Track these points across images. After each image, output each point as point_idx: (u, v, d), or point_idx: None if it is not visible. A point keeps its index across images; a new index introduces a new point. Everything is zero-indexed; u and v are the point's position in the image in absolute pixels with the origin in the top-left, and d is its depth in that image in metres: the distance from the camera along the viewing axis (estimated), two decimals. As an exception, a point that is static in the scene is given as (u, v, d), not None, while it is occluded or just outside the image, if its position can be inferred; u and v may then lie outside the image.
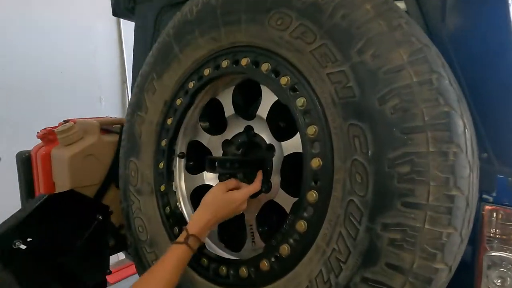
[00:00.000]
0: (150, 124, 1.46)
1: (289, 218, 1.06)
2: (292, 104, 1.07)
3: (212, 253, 1.26)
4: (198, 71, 1.33)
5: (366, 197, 0.88)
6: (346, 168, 0.93)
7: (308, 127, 1.03)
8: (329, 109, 0.98)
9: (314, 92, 1.03)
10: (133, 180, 1.49)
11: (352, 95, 0.92)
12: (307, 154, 1.03)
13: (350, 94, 0.92)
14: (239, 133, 1.35)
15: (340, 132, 0.95)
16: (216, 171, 1.17)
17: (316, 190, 1.01)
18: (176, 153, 1.45)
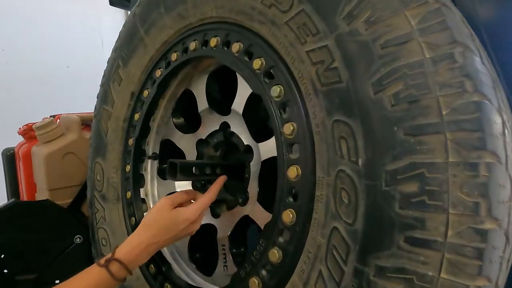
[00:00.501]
0: (116, 119, 1.23)
1: (260, 243, 0.79)
2: (266, 94, 0.79)
3: (178, 278, 1.01)
4: (165, 56, 1.08)
5: (355, 226, 0.60)
6: (330, 182, 0.65)
7: (285, 125, 0.75)
8: (310, 100, 0.70)
9: (292, 78, 0.75)
10: (98, 185, 1.27)
11: (337, 80, 0.64)
12: (283, 160, 0.75)
13: (335, 78, 0.64)
14: (215, 131, 1.09)
15: (323, 131, 0.67)
16: (178, 178, 0.92)
17: (294, 208, 0.73)
18: (147, 154, 1.21)
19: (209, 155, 1.13)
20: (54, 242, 1.35)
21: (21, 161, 1.86)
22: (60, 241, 1.36)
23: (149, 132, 1.20)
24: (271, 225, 0.77)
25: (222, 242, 1.00)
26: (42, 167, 1.68)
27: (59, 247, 1.35)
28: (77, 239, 1.35)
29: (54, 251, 1.34)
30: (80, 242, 1.35)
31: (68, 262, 1.35)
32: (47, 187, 1.68)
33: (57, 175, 1.68)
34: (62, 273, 1.34)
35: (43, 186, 1.70)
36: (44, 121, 1.72)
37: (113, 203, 1.22)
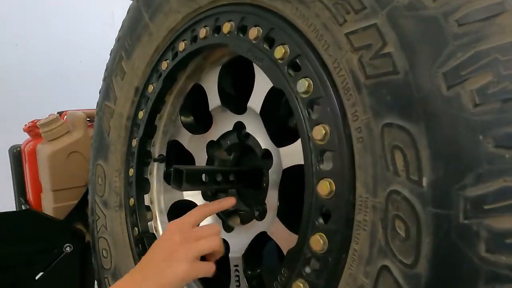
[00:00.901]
0: (119, 117, 1.08)
1: (282, 272, 0.63)
2: (291, 89, 0.63)
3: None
4: (172, 46, 0.92)
5: (417, 269, 0.43)
6: (377, 205, 0.49)
7: (315, 128, 0.59)
8: (349, 97, 0.53)
9: (325, 69, 0.58)
10: (99, 189, 1.13)
11: (391, 70, 0.47)
12: (311, 172, 0.59)
13: (388, 67, 0.47)
14: (228, 131, 0.93)
15: (368, 137, 0.50)
16: (184, 187, 0.77)
17: (325, 233, 0.57)
18: (152, 156, 1.06)
19: (221, 159, 0.98)
20: (40, 254, 1.21)
21: (26, 159, 1.75)
22: (47, 252, 1.22)
23: (155, 131, 1.05)
24: (296, 251, 0.61)
25: (235, 261, 0.84)
26: (46, 166, 1.55)
27: (46, 258, 1.21)
28: (67, 248, 1.21)
29: (42, 263, 1.20)
30: (71, 251, 1.21)
31: (58, 273, 1.21)
32: (51, 188, 1.56)
33: (62, 175, 1.56)
34: (51, 285, 1.20)
35: (47, 186, 1.58)
36: (48, 118, 1.60)
37: (115, 210, 1.08)
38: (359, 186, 0.52)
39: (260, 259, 0.85)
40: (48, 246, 1.19)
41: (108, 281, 1.05)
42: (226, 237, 0.89)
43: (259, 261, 0.85)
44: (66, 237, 1.20)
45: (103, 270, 1.08)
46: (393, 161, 0.46)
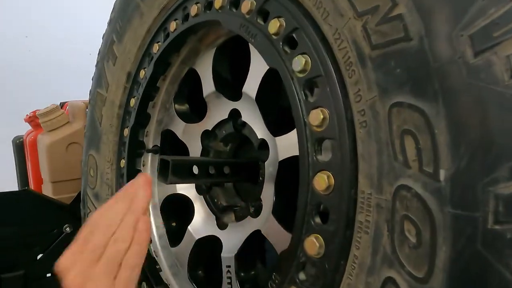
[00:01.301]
0: (111, 105, 1.01)
1: (273, 278, 0.55)
2: (285, 68, 0.54)
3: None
4: (164, 26, 0.85)
5: (430, 285, 0.34)
6: (382, 203, 0.40)
7: (312, 112, 0.50)
8: (352, 74, 0.44)
9: (324, 42, 0.49)
10: (91, 181, 1.07)
11: (402, 36, 0.37)
12: (307, 163, 0.50)
13: (398, 33, 0.38)
14: (223, 120, 0.84)
15: (372, 121, 0.41)
16: (171, 180, 0.69)
17: (322, 235, 0.48)
18: (146, 146, 0.99)
19: (217, 151, 0.90)
20: (40, 235, 1.17)
21: (28, 149, 1.72)
22: (47, 232, 1.18)
23: (149, 120, 0.97)
24: (289, 254, 0.53)
25: (228, 262, 0.76)
26: (44, 157, 1.51)
27: (47, 239, 1.17)
28: (67, 228, 1.17)
29: (41, 244, 1.16)
30: (71, 231, 1.17)
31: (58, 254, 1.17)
32: (50, 179, 1.51)
33: (60, 166, 1.51)
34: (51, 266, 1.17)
35: (46, 178, 1.54)
36: (48, 108, 1.55)
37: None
38: (361, 179, 0.43)
39: (255, 260, 0.77)
40: (47, 227, 1.15)
41: (97, 278, 0.99)
42: (219, 235, 0.81)
43: (253, 262, 0.77)
44: (65, 218, 1.16)
45: (93, 266, 1.01)
46: (403, 149, 0.37)
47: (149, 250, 0.92)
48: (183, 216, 0.93)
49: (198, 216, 0.88)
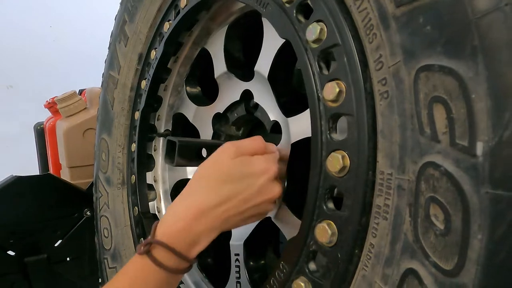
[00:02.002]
0: (123, 88, 0.98)
1: (280, 267, 0.50)
2: (298, 38, 0.49)
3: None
4: (175, 3, 0.81)
5: (460, 278, 0.28)
6: (404, 184, 0.34)
7: (326, 85, 0.45)
8: (373, 38, 0.39)
9: (342, 6, 0.44)
10: (103, 165, 1.05)
11: (433, -14, 0.31)
12: (320, 142, 0.45)
13: (429, -17, 0.32)
14: (235, 102, 0.80)
15: (396, 91, 0.36)
16: (177, 162, 0.65)
17: (334, 221, 0.43)
18: (157, 130, 0.96)
19: (229, 135, 0.85)
20: (62, 219, 1.17)
21: (47, 135, 1.73)
22: (68, 217, 1.18)
23: (160, 104, 0.94)
24: (299, 242, 0.48)
25: (236, 250, 0.72)
26: (62, 143, 1.52)
27: (68, 223, 1.17)
28: (87, 212, 1.17)
29: (63, 228, 1.17)
30: (91, 215, 1.16)
31: (79, 238, 1.18)
32: (67, 164, 1.52)
33: (77, 152, 1.52)
34: (73, 250, 1.17)
35: (64, 163, 1.55)
36: (66, 93, 1.55)
37: (117, 188, 0.99)
38: (381, 158, 0.38)
39: (265, 248, 0.72)
40: (69, 211, 1.16)
41: (107, 263, 0.97)
42: (229, 221, 0.77)
43: (263, 251, 0.72)
44: (85, 202, 1.16)
45: (104, 250, 1.00)
46: (431, 120, 0.31)
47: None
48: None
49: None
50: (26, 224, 1.12)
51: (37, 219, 1.13)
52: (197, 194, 0.51)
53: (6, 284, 1.10)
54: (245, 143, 0.55)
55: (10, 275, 1.11)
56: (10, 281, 1.10)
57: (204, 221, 0.49)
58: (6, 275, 1.10)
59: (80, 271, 1.20)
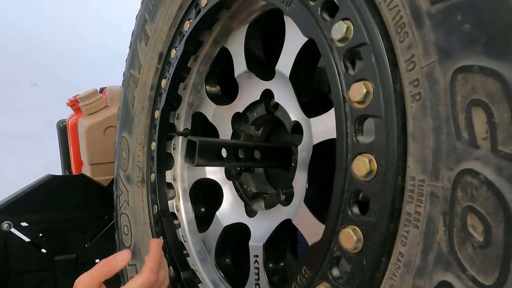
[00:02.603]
0: (143, 87, 0.99)
1: (302, 272, 0.49)
2: (323, 37, 0.47)
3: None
4: (195, 2, 0.80)
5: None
6: (438, 192, 0.32)
7: (353, 86, 0.43)
8: (404, 37, 0.37)
9: (370, 4, 0.42)
10: (123, 163, 1.06)
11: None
12: (345, 145, 0.44)
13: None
14: (255, 102, 0.79)
15: (430, 93, 0.34)
16: (198, 162, 0.65)
17: (360, 226, 0.42)
18: (177, 129, 0.96)
19: (248, 135, 0.84)
20: (92, 220, 1.19)
21: (69, 132, 1.77)
22: (98, 218, 1.20)
23: (180, 102, 0.94)
24: (322, 247, 0.46)
25: (256, 251, 0.71)
26: (83, 140, 1.54)
27: (97, 225, 1.19)
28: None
29: (93, 229, 1.18)
30: None
31: (107, 240, 1.19)
32: (88, 161, 1.54)
33: (98, 149, 1.54)
34: (101, 252, 1.19)
35: (85, 160, 1.58)
36: (87, 91, 1.58)
37: (137, 185, 1.00)
38: (411, 163, 0.36)
39: (284, 251, 0.71)
40: (100, 213, 1.17)
41: (127, 260, 0.98)
42: (248, 222, 0.76)
43: (283, 254, 0.71)
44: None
45: (123, 247, 1.01)
46: (470, 124, 0.29)
47: (177, 235, 0.89)
48: (212, 202, 0.89)
49: (226, 202, 0.83)
50: (58, 222, 1.14)
51: (67, 218, 1.15)
52: None
53: (36, 280, 1.12)
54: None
55: (41, 272, 1.13)
56: (40, 278, 1.12)
57: None
58: (37, 272, 1.13)
59: None
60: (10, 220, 1.08)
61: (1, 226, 1.07)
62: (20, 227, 1.10)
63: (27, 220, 1.11)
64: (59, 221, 1.14)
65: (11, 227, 1.09)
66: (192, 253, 0.88)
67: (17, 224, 1.09)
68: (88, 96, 1.54)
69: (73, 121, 1.71)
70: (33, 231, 1.10)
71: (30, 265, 1.11)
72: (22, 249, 1.10)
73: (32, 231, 1.10)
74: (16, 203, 1.08)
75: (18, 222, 1.09)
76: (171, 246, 0.84)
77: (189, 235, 0.91)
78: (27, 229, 1.11)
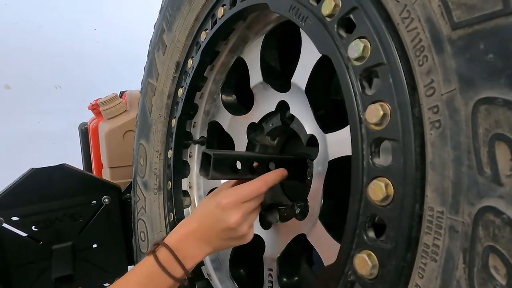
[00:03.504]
0: (161, 95, 1.00)
1: (316, 293, 0.48)
2: (339, 55, 0.46)
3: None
4: (212, 13, 0.80)
5: None
6: (458, 226, 0.31)
7: (369, 107, 0.42)
8: (423, 61, 0.35)
9: (388, 23, 0.40)
10: (141, 170, 1.07)
11: (500, 9, 0.28)
12: (361, 167, 0.42)
13: (493, 5, 0.28)
14: (270, 112, 0.78)
15: (450, 121, 0.32)
16: (212, 175, 0.65)
17: (376, 252, 0.41)
18: (193, 137, 0.97)
19: (263, 145, 0.84)
20: (81, 207, 1.20)
21: (91, 136, 1.81)
22: (86, 205, 1.21)
23: (196, 111, 0.95)
24: (336, 270, 0.45)
25: (269, 264, 0.71)
26: (103, 143, 1.58)
27: (87, 211, 1.19)
28: (105, 199, 1.19)
29: (84, 216, 1.18)
30: (109, 202, 1.19)
31: (101, 225, 1.20)
32: (108, 165, 1.58)
33: (117, 153, 1.57)
34: (97, 236, 1.19)
35: (105, 163, 1.61)
36: (108, 96, 1.61)
37: (154, 193, 1.01)
38: (430, 193, 0.34)
39: (298, 266, 0.70)
40: (86, 199, 1.18)
41: (143, 266, 1.00)
42: (262, 234, 0.76)
43: (297, 268, 0.70)
44: (103, 190, 1.18)
45: (140, 253, 1.02)
46: (492, 160, 0.28)
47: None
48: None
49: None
50: (47, 213, 1.15)
51: (56, 208, 1.15)
52: (192, 226, 0.64)
53: (38, 270, 1.14)
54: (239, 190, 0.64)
55: (40, 262, 1.14)
56: (40, 268, 1.14)
57: (200, 247, 0.62)
58: (36, 263, 1.14)
59: (106, 257, 1.21)
60: (1, 216, 1.08)
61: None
62: (11, 221, 1.10)
63: (17, 214, 1.11)
64: (49, 211, 1.14)
65: (3, 222, 1.10)
66: (207, 261, 0.88)
67: (8, 219, 1.09)
68: (108, 100, 1.57)
69: (94, 125, 1.75)
70: (25, 224, 1.11)
71: (29, 257, 1.12)
72: (18, 242, 1.11)
73: (24, 224, 1.11)
74: (4, 199, 1.09)
75: (9, 217, 1.09)
76: (186, 255, 0.85)
77: (204, 243, 0.91)
78: (19, 222, 1.11)
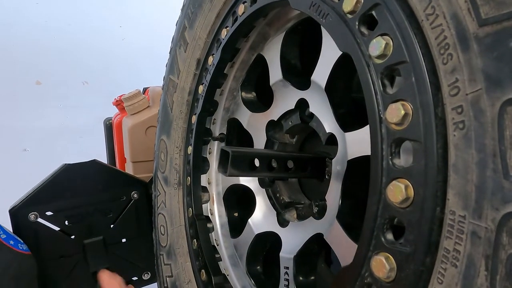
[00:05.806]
0: (182, 92, 1.01)
1: (331, 294, 0.48)
2: (360, 52, 0.45)
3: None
4: (233, 10, 0.80)
5: None
6: (481, 232, 0.30)
7: (390, 106, 0.41)
8: (448, 59, 0.34)
9: (411, 20, 0.39)
10: (162, 165, 1.09)
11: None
12: (380, 168, 0.41)
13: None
14: (290, 110, 0.77)
15: (475, 123, 0.31)
16: (230, 172, 0.65)
17: (394, 255, 0.40)
18: (213, 134, 0.98)
19: (282, 143, 0.83)
20: (111, 202, 1.23)
21: (115, 131, 1.85)
22: (117, 200, 1.23)
23: (216, 108, 0.95)
24: (352, 272, 0.45)
25: (286, 262, 0.70)
26: (127, 138, 1.61)
27: (117, 206, 1.21)
28: (134, 195, 1.21)
29: (114, 211, 1.21)
30: (138, 197, 1.21)
31: (130, 219, 1.23)
32: (130, 159, 1.61)
33: (140, 147, 1.60)
34: (127, 231, 1.22)
35: (128, 158, 1.65)
36: (131, 92, 1.65)
37: (174, 188, 1.03)
38: (452, 196, 0.33)
39: (315, 265, 0.70)
40: (116, 195, 1.21)
41: (163, 259, 1.02)
42: (279, 232, 0.76)
43: (314, 267, 0.70)
44: (131, 185, 1.21)
45: (160, 247, 1.05)
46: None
47: (210, 239, 0.91)
48: (245, 208, 0.90)
49: (259, 210, 0.83)
50: (80, 208, 1.18)
51: (88, 203, 1.18)
52: None
53: (70, 264, 1.18)
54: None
55: (73, 256, 1.18)
56: (74, 262, 1.18)
57: None
58: (70, 257, 1.18)
59: (136, 251, 1.23)
60: (36, 211, 1.11)
61: (29, 217, 1.10)
62: (46, 216, 1.13)
63: (51, 209, 1.13)
64: (81, 206, 1.17)
65: (38, 217, 1.13)
66: (224, 257, 0.89)
67: (43, 214, 1.12)
68: (132, 96, 1.60)
69: (118, 120, 1.79)
70: (58, 219, 1.14)
71: (62, 251, 1.15)
72: (52, 237, 1.14)
73: (57, 219, 1.14)
74: (39, 194, 1.12)
75: (43, 212, 1.12)
76: (203, 249, 0.86)
77: (221, 239, 0.92)
78: (52, 217, 1.13)
